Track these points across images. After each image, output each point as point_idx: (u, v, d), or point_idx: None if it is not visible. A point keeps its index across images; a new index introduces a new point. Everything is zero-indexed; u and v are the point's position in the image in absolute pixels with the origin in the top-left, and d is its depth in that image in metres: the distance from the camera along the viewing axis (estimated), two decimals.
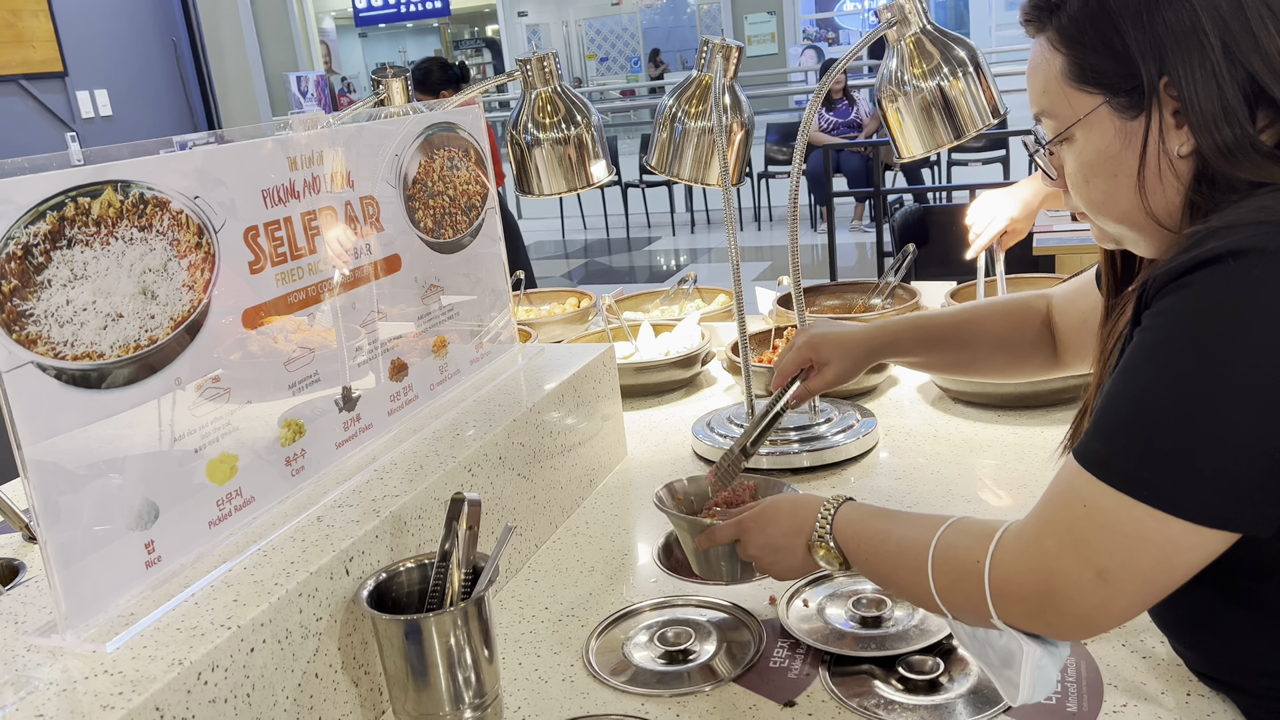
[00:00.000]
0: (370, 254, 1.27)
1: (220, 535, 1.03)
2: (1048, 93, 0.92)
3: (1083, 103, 0.89)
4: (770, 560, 1.05)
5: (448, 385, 1.44)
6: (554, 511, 1.44)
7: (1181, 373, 0.76)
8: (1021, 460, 1.51)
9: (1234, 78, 0.82)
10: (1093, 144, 0.90)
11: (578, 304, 2.50)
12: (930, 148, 1.66)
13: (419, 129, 1.38)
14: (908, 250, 2.27)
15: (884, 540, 0.96)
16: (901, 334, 1.32)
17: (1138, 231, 0.92)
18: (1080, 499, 0.80)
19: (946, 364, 1.37)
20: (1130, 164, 0.88)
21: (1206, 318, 0.76)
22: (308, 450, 1.16)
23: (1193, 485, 0.75)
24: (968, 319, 1.30)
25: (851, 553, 0.98)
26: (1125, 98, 0.86)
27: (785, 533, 1.03)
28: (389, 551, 1.09)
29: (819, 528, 1.00)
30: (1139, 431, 0.78)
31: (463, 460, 1.23)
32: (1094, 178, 0.91)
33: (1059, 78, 0.90)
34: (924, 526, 0.92)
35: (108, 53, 5.72)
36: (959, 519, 0.91)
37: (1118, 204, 0.91)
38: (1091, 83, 0.88)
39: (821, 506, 1.01)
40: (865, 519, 0.99)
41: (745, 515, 1.07)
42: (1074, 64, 0.89)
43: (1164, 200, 0.88)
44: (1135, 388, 0.79)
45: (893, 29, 1.64)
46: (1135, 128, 0.87)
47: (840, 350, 1.30)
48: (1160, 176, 0.87)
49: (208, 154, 1.03)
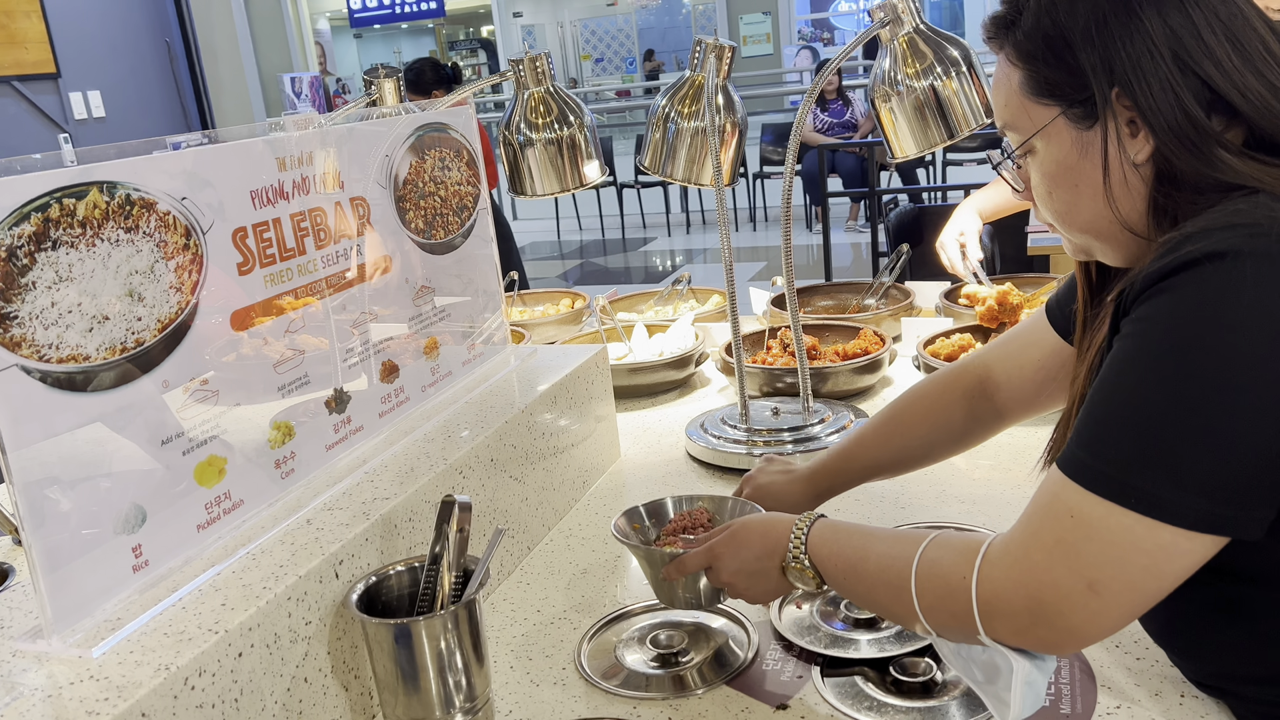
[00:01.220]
0: (360, 255, 1.27)
1: (209, 539, 1.03)
2: (1009, 106, 0.94)
3: (1040, 115, 0.91)
4: (745, 585, 1.03)
5: (439, 387, 1.43)
6: (546, 513, 1.43)
7: (1163, 377, 0.76)
8: (1017, 462, 1.51)
9: (1188, 85, 0.83)
10: (1052, 155, 0.92)
11: (571, 305, 2.49)
12: (924, 148, 1.66)
13: (410, 130, 1.38)
14: (901, 250, 2.27)
15: (862, 559, 0.94)
16: (836, 475, 1.25)
17: (1104, 241, 0.93)
18: (1067, 509, 0.79)
19: (899, 469, 1.28)
20: (1090, 174, 0.89)
21: (1186, 321, 0.76)
22: (298, 453, 1.15)
23: (1180, 490, 0.75)
24: (894, 418, 1.25)
25: (828, 572, 0.97)
26: (1080, 108, 0.89)
27: (758, 555, 1.01)
28: (379, 555, 1.08)
29: (793, 548, 0.99)
30: (1124, 438, 0.77)
31: (454, 462, 1.22)
32: (1056, 189, 0.93)
33: (1018, 91, 0.93)
34: (905, 543, 0.91)
35: (101, 54, 5.71)
36: (940, 534, 0.90)
37: (1080, 214, 0.92)
38: (1047, 95, 0.91)
39: (793, 526, 1.00)
40: (840, 537, 0.97)
41: (715, 541, 1.05)
42: (1030, 78, 0.91)
43: (1131, 206, 0.89)
44: (1118, 394, 0.79)
45: (886, 28, 1.64)
46: (1092, 137, 0.89)
47: (781, 502, 1.23)
48: (1125, 183, 0.88)
49: (196, 155, 1.02)
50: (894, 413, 1.27)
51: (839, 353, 1.89)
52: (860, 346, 1.88)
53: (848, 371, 1.80)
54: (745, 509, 1.20)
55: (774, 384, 1.82)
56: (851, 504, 1.42)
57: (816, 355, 1.89)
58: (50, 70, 5.43)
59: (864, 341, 1.90)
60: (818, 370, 1.78)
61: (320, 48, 16.58)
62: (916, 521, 1.33)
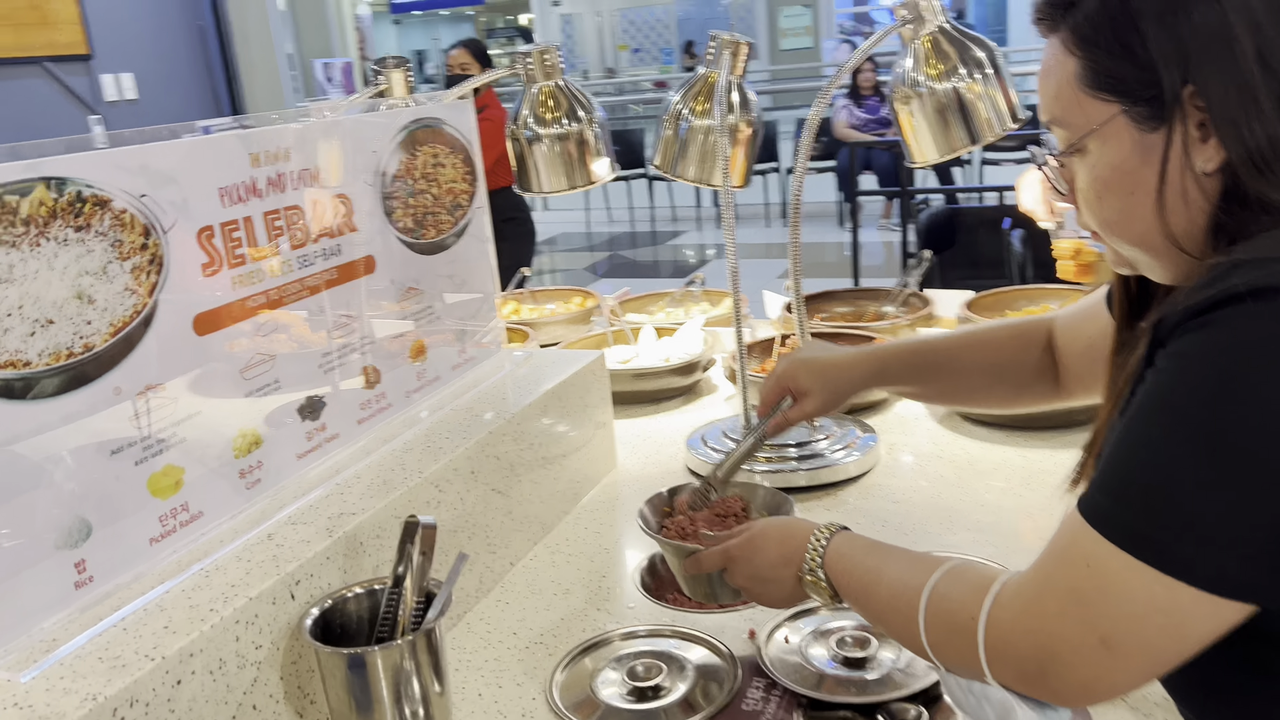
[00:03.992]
0: (341, 255, 1.21)
1: (162, 553, 0.98)
2: (1059, 99, 0.84)
3: (1097, 111, 0.81)
4: (759, 591, 1.00)
5: (425, 392, 1.38)
6: (532, 528, 1.37)
7: (1197, 423, 0.68)
8: (1028, 486, 1.43)
9: (1269, 86, 0.73)
10: (1107, 157, 0.81)
11: (582, 303, 2.43)
12: (945, 153, 1.58)
13: (400, 125, 1.32)
14: (924, 256, 2.18)
15: (876, 581, 0.89)
16: (891, 361, 1.23)
17: (1154, 256, 0.83)
18: (1084, 558, 0.72)
19: (940, 394, 1.27)
20: (1148, 180, 0.79)
21: (1226, 362, 0.68)
22: (265, 462, 1.10)
23: (1208, 549, 0.67)
24: (964, 345, 1.22)
25: (843, 588, 0.92)
26: (1145, 107, 0.78)
27: (774, 563, 0.97)
28: (341, 574, 1.03)
29: (810, 559, 0.94)
30: (1149, 487, 0.70)
31: (430, 475, 1.17)
32: (1108, 194, 0.83)
33: (1072, 83, 0.82)
34: (918, 569, 0.85)
35: (133, 36, 5.71)
36: (955, 564, 0.84)
37: (1133, 224, 0.82)
38: (1108, 89, 0.80)
39: (812, 535, 0.95)
40: (858, 554, 0.92)
41: (732, 544, 1.01)
42: (1089, 68, 0.80)
43: (1186, 221, 0.79)
44: (1146, 438, 0.71)
45: (908, 27, 1.56)
46: (1155, 140, 0.78)
47: (821, 379, 1.21)
48: (1183, 195, 0.78)
49: (158, 150, 0.97)
50: (968, 332, 1.24)
51: None
52: None
53: None
54: (774, 499, 1.17)
55: None
56: (853, 527, 1.35)
57: None
58: (83, 52, 5.44)
59: None
60: None
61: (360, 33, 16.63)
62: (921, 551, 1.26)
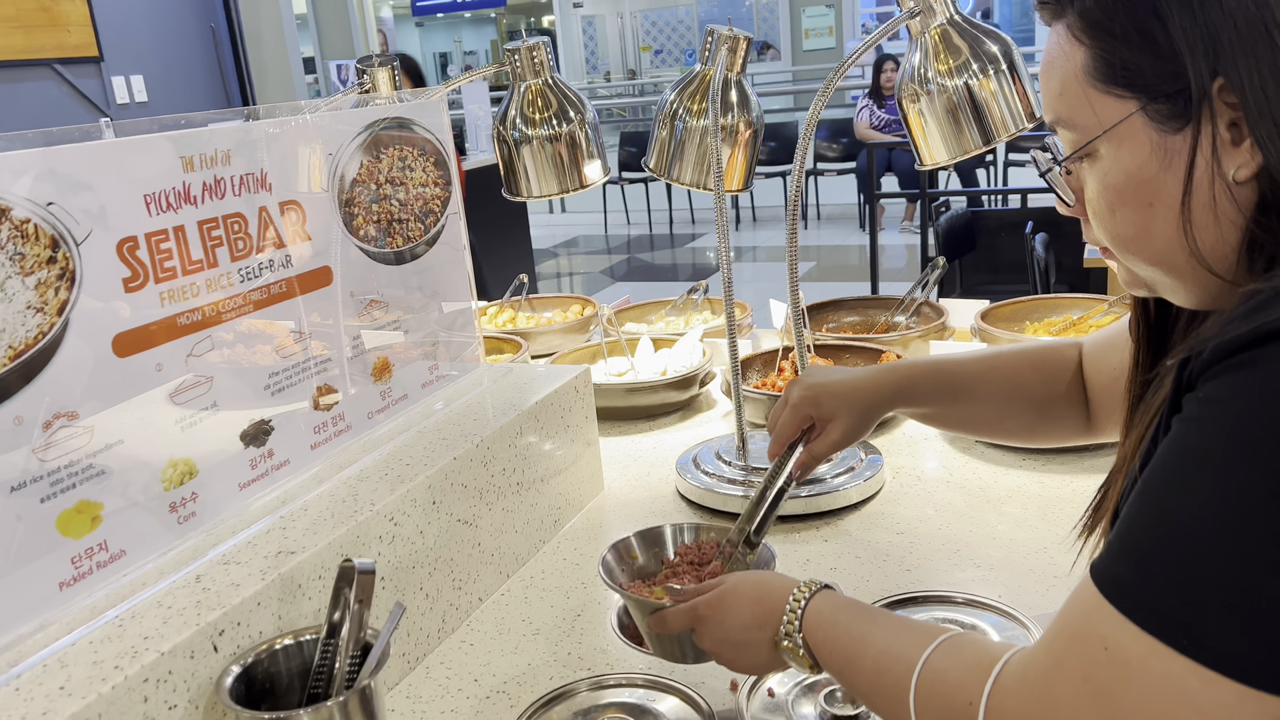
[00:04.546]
0: (291, 267, 1.12)
1: (75, 598, 0.89)
2: (1065, 96, 0.73)
3: (1111, 109, 0.70)
4: (730, 656, 0.89)
5: (391, 413, 1.28)
6: (505, 560, 1.27)
7: (1234, 484, 0.57)
8: (1045, 518, 1.31)
9: None
10: (1122, 163, 0.70)
11: (581, 312, 2.33)
12: (955, 154, 1.47)
13: (360, 126, 1.23)
14: (937, 264, 2.07)
15: (861, 652, 0.78)
16: (918, 379, 1.11)
17: (1177, 276, 0.72)
18: (1100, 638, 0.61)
19: (965, 419, 1.14)
20: (1171, 190, 0.68)
21: (1267, 409, 0.56)
22: (200, 493, 1.01)
23: (1250, 636, 0.56)
24: (991, 367, 1.10)
25: (824, 657, 0.81)
26: (1166, 104, 0.67)
27: (747, 625, 0.86)
28: (276, 621, 0.93)
29: (786, 623, 0.83)
30: (1177, 559, 0.58)
31: (383, 507, 1.07)
32: (1122, 206, 0.72)
33: (1080, 77, 0.71)
34: (909, 642, 0.74)
35: (144, 38, 5.67)
36: (952, 636, 0.73)
37: (1151, 241, 0.71)
38: (1123, 84, 0.69)
39: (790, 596, 0.84)
40: (840, 618, 0.81)
41: (700, 601, 0.90)
42: (1100, 59, 0.70)
43: (1216, 238, 0.68)
44: (1172, 500, 0.60)
45: (915, 19, 1.46)
46: (1179, 143, 0.67)
47: (847, 403, 1.09)
48: (1212, 207, 0.67)
49: (67, 153, 0.88)
50: (995, 354, 1.13)
51: None
52: None
53: None
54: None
55: None
56: (851, 562, 1.25)
57: None
58: (93, 54, 5.40)
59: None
60: None
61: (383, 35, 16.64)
62: (921, 590, 1.15)
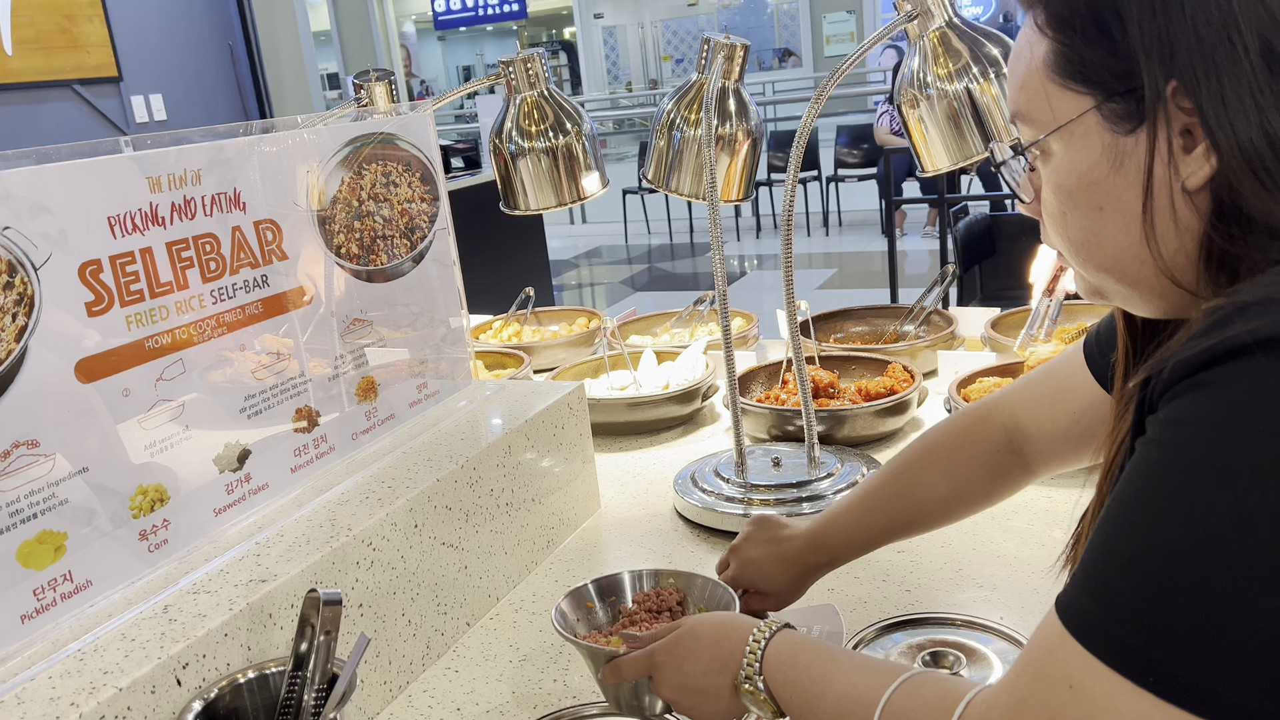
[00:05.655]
0: (267, 287, 1.10)
1: (38, 630, 0.87)
2: (1025, 89, 0.69)
3: (1066, 105, 0.66)
4: (690, 704, 0.84)
5: (376, 434, 1.26)
6: (494, 583, 1.24)
7: (1198, 508, 0.53)
8: (1050, 534, 1.27)
9: (1275, 88, 0.59)
10: (1074, 162, 0.67)
11: (586, 325, 2.31)
12: (956, 160, 1.44)
13: (340, 142, 1.20)
14: (946, 272, 2.03)
15: (820, 693, 0.74)
16: (842, 533, 1.05)
17: (1129, 285, 0.68)
18: (1065, 675, 0.57)
19: (910, 534, 1.08)
20: (1122, 196, 0.65)
21: (1230, 434, 0.53)
22: (172, 520, 0.99)
23: (1221, 672, 0.52)
24: (906, 472, 1.04)
25: (784, 700, 0.77)
26: (1120, 104, 0.64)
27: (706, 670, 0.82)
28: (245, 653, 0.90)
29: (746, 666, 0.79)
30: (1140, 591, 0.55)
31: (361, 532, 1.04)
32: (1072, 209, 0.68)
33: (1041, 70, 0.68)
34: (872, 680, 0.71)
35: (163, 57, 5.72)
36: (913, 675, 0.70)
37: (1101, 247, 0.68)
38: (1079, 79, 0.66)
39: (750, 637, 0.80)
40: (801, 659, 0.78)
41: (657, 646, 0.86)
42: (1060, 53, 0.66)
43: (1176, 246, 0.64)
44: (1135, 526, 0.56)
45: (913, 22, 1.42)
46: (1130, 146, 0.64)
47: (773, 580, 1.06)
48: (1172, 215, 0.63)
49: (25, 176, 0.86)
50: (907, 467, 1.05)
51: (861, 391, 1.66)
52: (885, 385, 1.65)
53: (869, 414, 1.57)
54: (715, 593, 1.01)
55: (784, 426, 1.61)
56: (850, 583, 1.21)
57: (835, 393, 1.66)
58: (112, 74, 5.45)
59: (891, 379, 1.67)
60: (833, 412, 1.56)
61: (405, 50, 16.76)
62: (920, 612, 1.11)
